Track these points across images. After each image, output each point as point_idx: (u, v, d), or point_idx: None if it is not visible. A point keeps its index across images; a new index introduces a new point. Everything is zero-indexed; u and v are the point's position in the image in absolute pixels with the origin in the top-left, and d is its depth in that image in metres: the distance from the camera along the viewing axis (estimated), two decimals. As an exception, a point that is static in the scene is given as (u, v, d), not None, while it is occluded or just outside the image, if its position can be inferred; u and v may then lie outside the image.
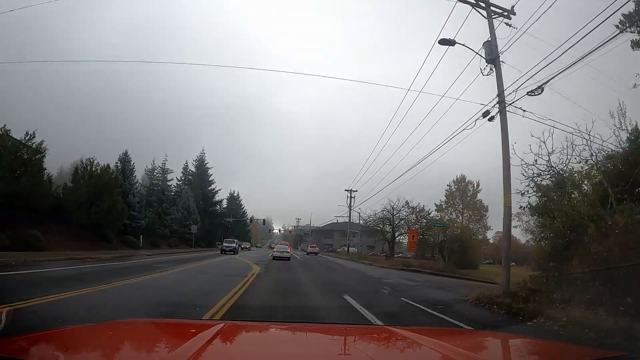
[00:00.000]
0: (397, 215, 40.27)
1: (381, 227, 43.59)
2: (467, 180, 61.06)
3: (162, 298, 7.97)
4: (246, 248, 55.79)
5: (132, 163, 33.92)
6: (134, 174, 34.32)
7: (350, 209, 54.21)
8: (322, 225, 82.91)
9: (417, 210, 39.97)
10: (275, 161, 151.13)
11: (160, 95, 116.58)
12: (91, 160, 26.04)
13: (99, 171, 25.43)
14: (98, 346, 1.62)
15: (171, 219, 40.82)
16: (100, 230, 26.63)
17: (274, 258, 29.07)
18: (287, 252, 30.78)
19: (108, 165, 26.32)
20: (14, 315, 1.42)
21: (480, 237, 46.14)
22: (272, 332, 2.32)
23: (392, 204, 39.42)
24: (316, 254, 53.33)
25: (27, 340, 1.50)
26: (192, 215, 44.77)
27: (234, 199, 78.74)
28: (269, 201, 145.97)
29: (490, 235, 54.20)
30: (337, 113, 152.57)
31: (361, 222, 49.58)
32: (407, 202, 39.26)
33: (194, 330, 1.90)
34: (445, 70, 15.07)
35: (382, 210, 40.82)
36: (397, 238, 43.17)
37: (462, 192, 61.27)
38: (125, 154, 33.88)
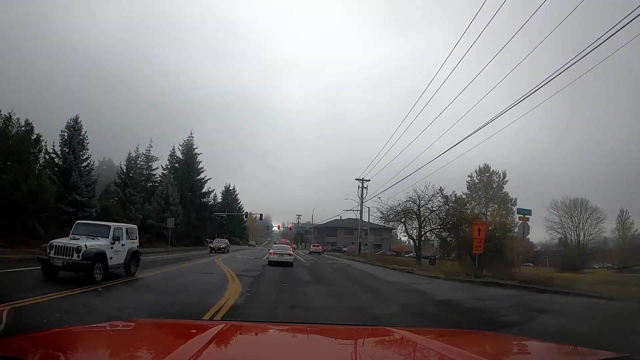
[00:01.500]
0: (426, 206, 32.29)
1: (403, 221, 35.55)
2: (491, 170, 53.53)
3: None
4: (219, 249, 33.75)
5: (83, 133, 25.23)
6: (86, 148, 25.55)
7: (362, 202, 46.35)
8: (324, 222, 77.55)
9: (452, 200, 32.00)
10: (275, 155, 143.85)
11: (150, 79, 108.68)
12: (6, 115, 17.40)
13: (9, 128, 16.68)
14: (98, 346, 1.60)
15: (138, 209, 32.10)
16: (20, 220, 18.27)
17: (270, 263, 20.74)
18: (289, 254, 21.63)
19: (27, 121, 17.45)
20: (14, 314, 1.40)
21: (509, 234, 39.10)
22: (274, 332, 2.27)
23: (419, 193, 31.56)
24: (319, 253, 48.89)
25: (27, 340, 1.48)
26: (171, 207, 36.20)
27: (229, 193, 72.41)
28: (268, 198, 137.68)
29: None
30: (343, 104, 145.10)
31: (375, 216, 41.73)
32: (440, 189, 31.30)
33: (194, 331, 1.91)
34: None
35: (407, 200, 32.86)
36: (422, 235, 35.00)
37: (485, 183, 53.68)
38: (76, 120, 25.18)
